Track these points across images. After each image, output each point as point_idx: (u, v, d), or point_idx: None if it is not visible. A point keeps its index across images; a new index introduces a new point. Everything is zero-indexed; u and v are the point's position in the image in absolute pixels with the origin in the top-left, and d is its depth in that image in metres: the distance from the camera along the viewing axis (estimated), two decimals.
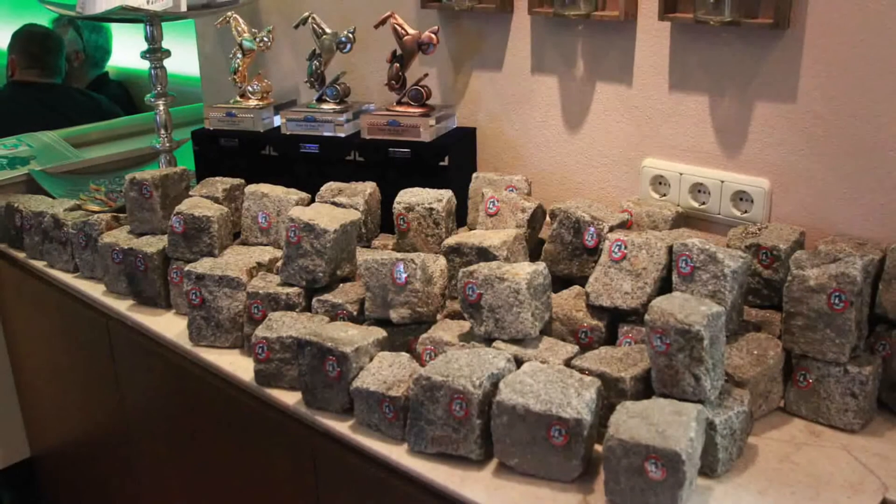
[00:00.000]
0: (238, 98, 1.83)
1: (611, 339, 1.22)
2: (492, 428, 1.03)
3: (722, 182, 1.43)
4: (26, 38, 2.88)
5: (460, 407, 1.04)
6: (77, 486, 2.03)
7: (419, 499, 1.08)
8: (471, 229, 1.54)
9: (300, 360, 1.18)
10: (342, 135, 1.71)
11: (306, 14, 1.72)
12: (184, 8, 1.72)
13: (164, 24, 1.80)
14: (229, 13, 1.83)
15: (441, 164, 1.61)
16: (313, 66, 1.75)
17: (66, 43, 3.01)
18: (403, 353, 1.18)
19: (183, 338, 1.42)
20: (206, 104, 2.05)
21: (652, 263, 1.19)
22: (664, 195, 1.51)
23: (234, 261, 1.41)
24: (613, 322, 1.22)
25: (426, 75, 1.70)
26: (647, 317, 1.03)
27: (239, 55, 1.83)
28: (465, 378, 1.04)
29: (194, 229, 1.46)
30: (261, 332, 1.25)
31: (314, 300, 1.32)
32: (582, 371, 1.08)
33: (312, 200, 1.54)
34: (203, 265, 1.39)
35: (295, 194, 1.53)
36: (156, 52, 1.80)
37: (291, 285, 1.34)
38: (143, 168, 2.06)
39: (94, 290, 1.63)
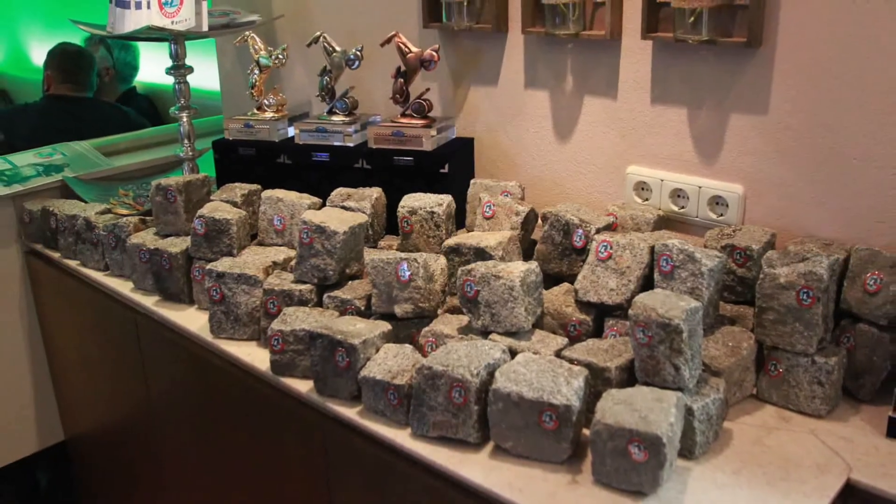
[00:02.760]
0: (255, 111, 1.83)
1: (597, 332, 1.22)
2: (488, 413, 1.03)
3: (700, 188, 1.43)
4: (61, 56, 2.88)
5: (459, 394, 1.04)
6: (107, 467, 2.03)
7: (421, 478, 1.08)
8: (469, 231, 1.54)
9: (312, 351, 1.19)
10: (351, 144, 1.71)
11: (318, 33, 1.72)
12: (205, 28, 1.73)
13: (187, 42, 1.80)
14: (247, 33, 1.83)
15: (441, 171, 1.61)
16: (324, 82, 1.75)
17: (97, 60, 3.01)
18: (407, 345, 1.18)
19: (204, 331, 1.42)
20: (226, 116, 2.05)
21: (635, 262, 1.19)
22: (646, 200, 1.51)
23: (252, 260, 1.41)
24: (600, 316, 1.22)
25: (428, 90, 1.70)
26: (630, 311, 1.03)
27: (256, 71, 1.83)
28: (464, 368, 1.04)
29: (215, 231, 1.46)
30: (276, 325, 1.25)
31: (325, 296, 1.32)
32: (571, 361, 1.08)
33: (323, 204, 1.54)
34: (223, 264, 1.39)
35: (307, 199, 1.53)
36: (180, 68, 1.80)
37: (304, 282, 1.34)
38: (167, 175, 2.06)
39: (122, 287, 1.64)
